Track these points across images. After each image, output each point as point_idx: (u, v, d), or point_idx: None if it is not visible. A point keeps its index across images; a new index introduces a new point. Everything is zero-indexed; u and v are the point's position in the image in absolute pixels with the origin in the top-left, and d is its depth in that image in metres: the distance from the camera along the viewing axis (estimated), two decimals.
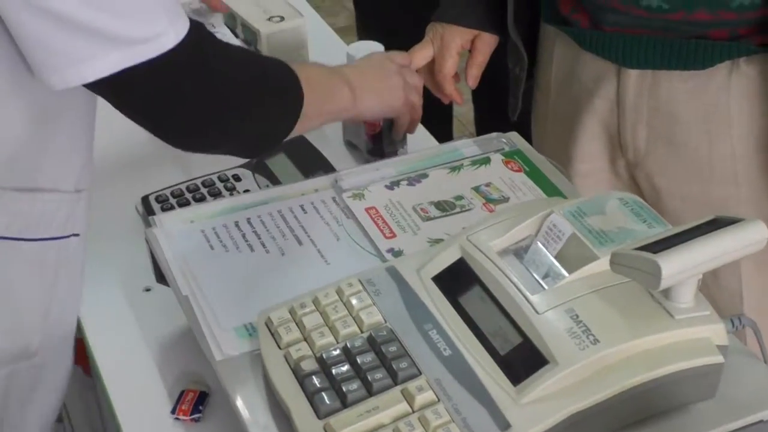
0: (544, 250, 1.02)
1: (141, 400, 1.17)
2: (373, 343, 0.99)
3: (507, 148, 1.32)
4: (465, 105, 1.83)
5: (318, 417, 0.94)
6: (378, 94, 1.36)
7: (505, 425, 0.90)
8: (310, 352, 0.99)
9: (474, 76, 1.54)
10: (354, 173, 1.29)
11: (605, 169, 1.49)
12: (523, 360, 0.94)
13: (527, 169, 1.29)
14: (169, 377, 1.19)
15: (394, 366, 0.96)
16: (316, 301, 1.04)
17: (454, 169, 1.29)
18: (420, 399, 0.93)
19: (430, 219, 1.21)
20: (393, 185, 1.26)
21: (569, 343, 0.92)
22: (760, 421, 0.95)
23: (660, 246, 0.91)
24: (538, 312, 0.95)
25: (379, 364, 0.97)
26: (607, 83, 1.42)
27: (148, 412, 1.15)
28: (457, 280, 1.03)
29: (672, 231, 0.95)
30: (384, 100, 1.37)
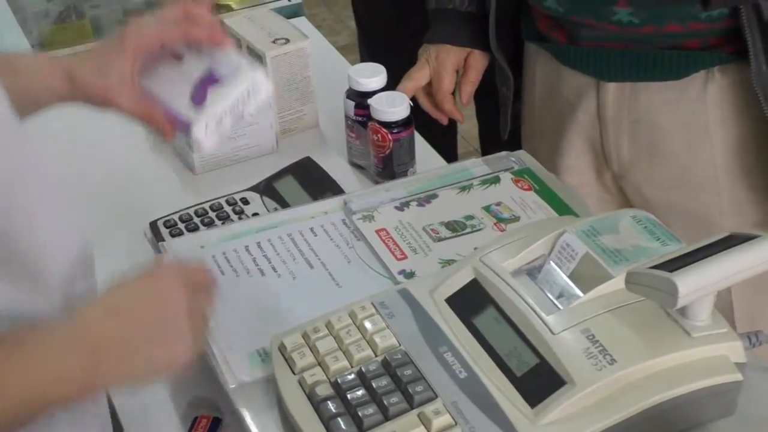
0: (558, 269, 1.02)
1: (153, 426, 1.16)
2: (387, 367, 0.98)
3: (516, 167, 1.32)
4: (469, 122, 1.83)
5: None
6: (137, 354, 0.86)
7: None
8: (325, 377, 0.99)
9: (468, 93, 1.55)
10: (363, 195, 1.29)
11: (592, 182, 1.49)
12: (540, 381, 0.93)
13: (537, 187, 1.28)
14: (182, 403, 1.18)
15: (410, 389, 0.95)
16: (329, 325, 1.03)
17: (463, 188, 1.28)
18: (437, 423, 0.92)
19: (441, 239, 1.20)
20: (403, 206, 1.26)
21: (586, 364, 0.92)
22: None
23: (675, 264, 0.91)
24: (553, 332, 0.95)
25: (394, 388, 0.96)
26: (587, 97, 1.42)
27: None
28: (471, 301, 1.02)
29: (687, 249, 0.95)
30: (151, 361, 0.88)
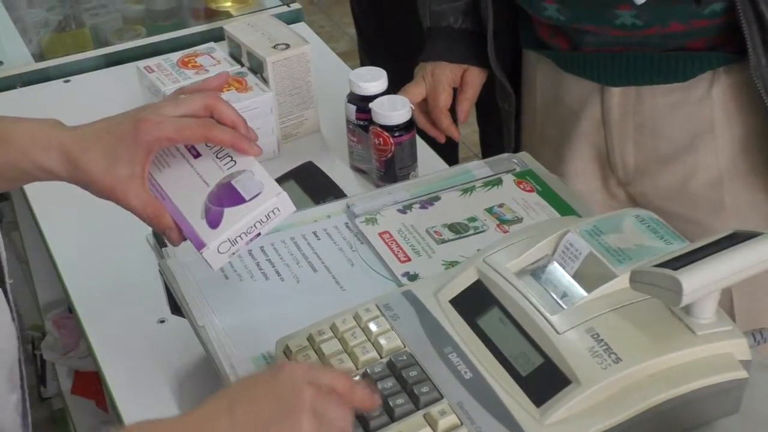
0: (562, 269, 1.02)
1: None
2: (393, 369, 0.98)
3: (518, 169, 1.32)
4: (469, 127, 1.83)
5: None
6: None
7: None
8: None
9: (465, 110, 1.54)
10: (366, 198, 1.29)
11: (598, 188, 1.49)
12: (545, 381, 0.93)
13: (539, 188, 1.28)
14: (187, 406, 1.18)
15: (416, 391, 0.95)
16: (333, 328, 1.03)
17: (466, 191, 1.29)
18: (443, 423, 0.92)
19: (444, 242, 1.21)
20: (405, 209, 1.26)
21: (591, 363, 0.92)
22: None
23: (680, 262, 0.91)
24: (558, 332, 0.95)
25: (400, 389, 0.96)
26: (591, 103, 1.42)
27: None
28: (475, 302, 1.02)
29: (691, 247, 0.95)
30: None
